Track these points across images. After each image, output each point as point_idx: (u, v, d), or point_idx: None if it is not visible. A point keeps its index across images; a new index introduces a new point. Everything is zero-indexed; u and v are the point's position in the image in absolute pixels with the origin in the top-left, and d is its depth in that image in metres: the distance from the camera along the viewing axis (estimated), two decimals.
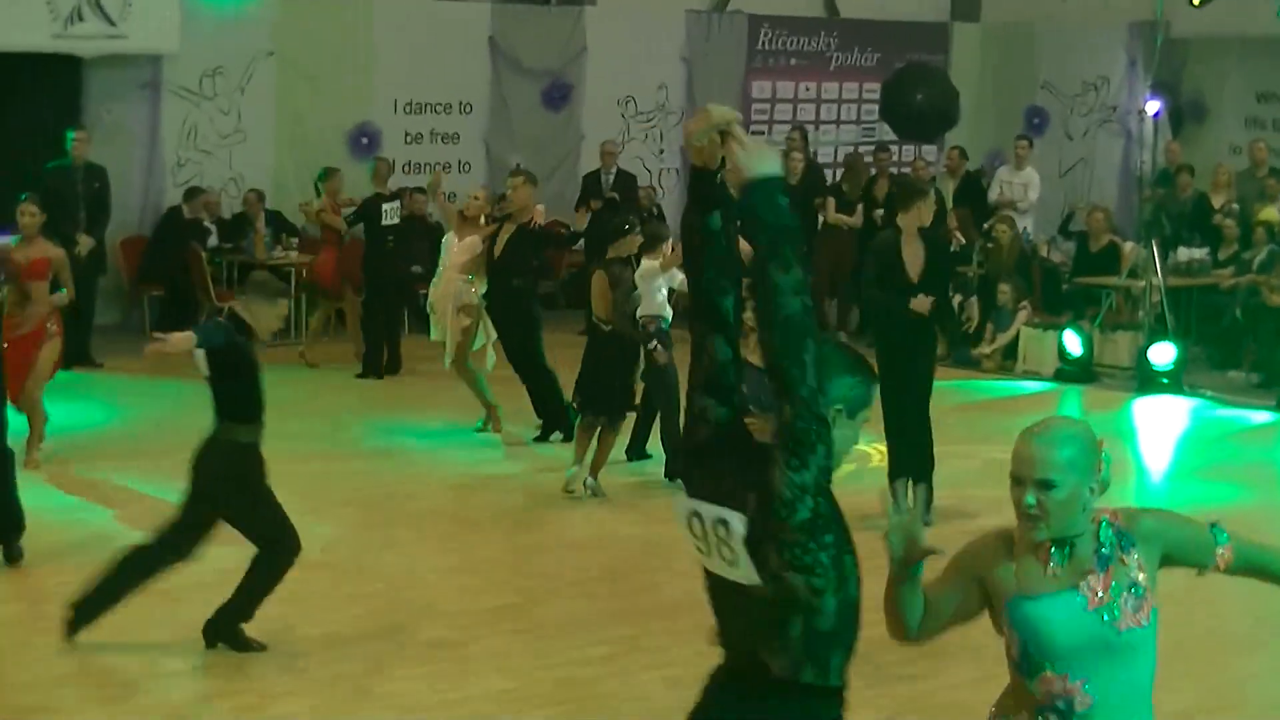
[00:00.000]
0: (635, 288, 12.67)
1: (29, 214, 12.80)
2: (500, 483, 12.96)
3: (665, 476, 12.95)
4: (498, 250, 14.24)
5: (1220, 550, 4.52)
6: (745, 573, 4.14)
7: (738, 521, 4.13)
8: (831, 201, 20.30)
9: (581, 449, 12.62)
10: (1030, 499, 4.33)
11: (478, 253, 14.38)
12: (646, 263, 13.00)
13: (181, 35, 18.63)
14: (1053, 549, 4.39)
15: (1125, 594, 4.37)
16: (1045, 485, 4.30)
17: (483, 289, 14.43)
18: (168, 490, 12.18)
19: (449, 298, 14.37)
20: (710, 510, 4.21)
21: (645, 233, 13.34)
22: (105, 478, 12.76)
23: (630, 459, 13.51)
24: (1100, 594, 4.36)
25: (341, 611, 9.72)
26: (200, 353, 8.88)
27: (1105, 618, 4.35)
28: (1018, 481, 4.36)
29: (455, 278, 14.34)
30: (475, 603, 9.96)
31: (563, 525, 11.90)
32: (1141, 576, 4.41)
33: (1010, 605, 4.42)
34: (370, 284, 17.39)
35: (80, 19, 18.11)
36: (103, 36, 18.29)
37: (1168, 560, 4.48)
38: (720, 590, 4.30)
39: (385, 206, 17.09)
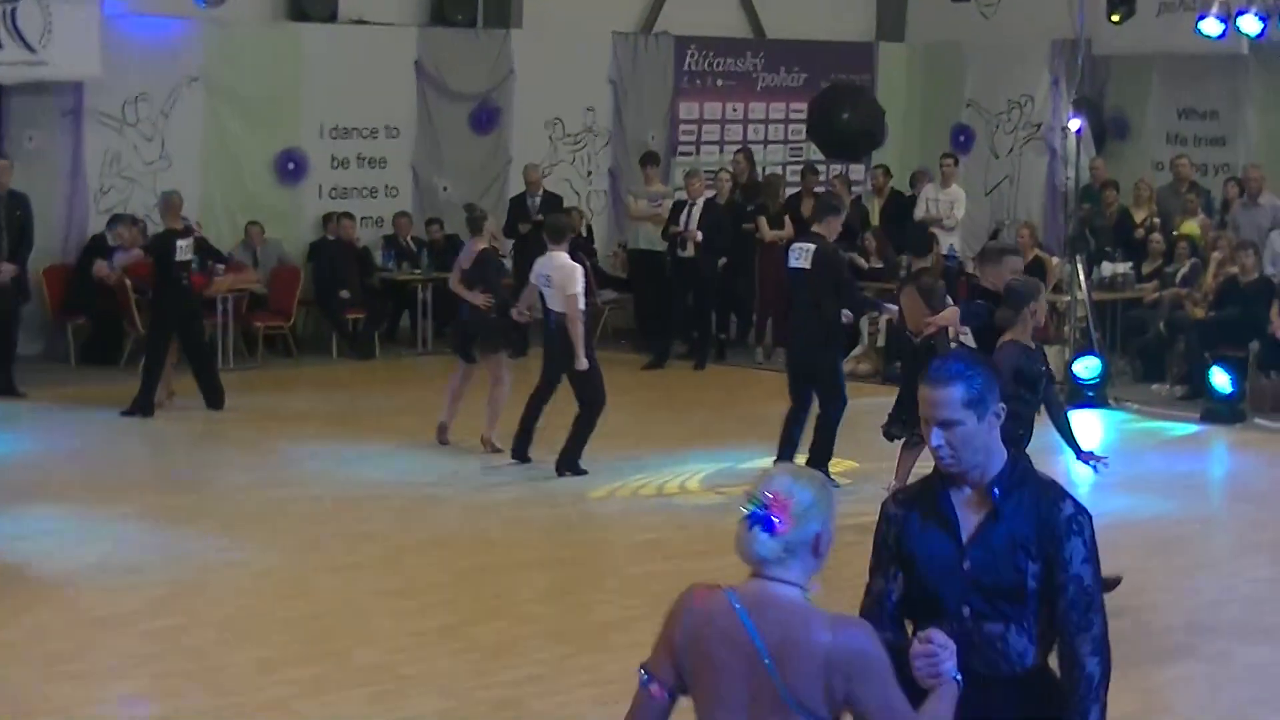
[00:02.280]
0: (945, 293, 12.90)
1: None
2: (442, 505, 13.04)
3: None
4: None
5: None
6: None
7: None
8: (763, 220, 20.48)
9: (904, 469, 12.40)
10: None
11: None
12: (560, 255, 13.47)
13: (103, 62, 18.62)
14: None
15: None
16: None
17: None
18: (90, 519, 12.24)
19: None
20: None
21: (549, 224, 13.99)
22: (24, 508, 12.71)
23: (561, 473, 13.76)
24: None
25: (275, 635, 9.77)
26: (967, 329, 10.44)
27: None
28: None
29: None
30: (413, 625, 10.03)
31: (507, 547, 11.94)
32: None
33: None
34: (162, 320, 16.49)
35: None
36: (22, 63, 18.25)
37: None
38: None
39: (179, 243, 16.48)
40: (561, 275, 13.64)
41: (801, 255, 13.55)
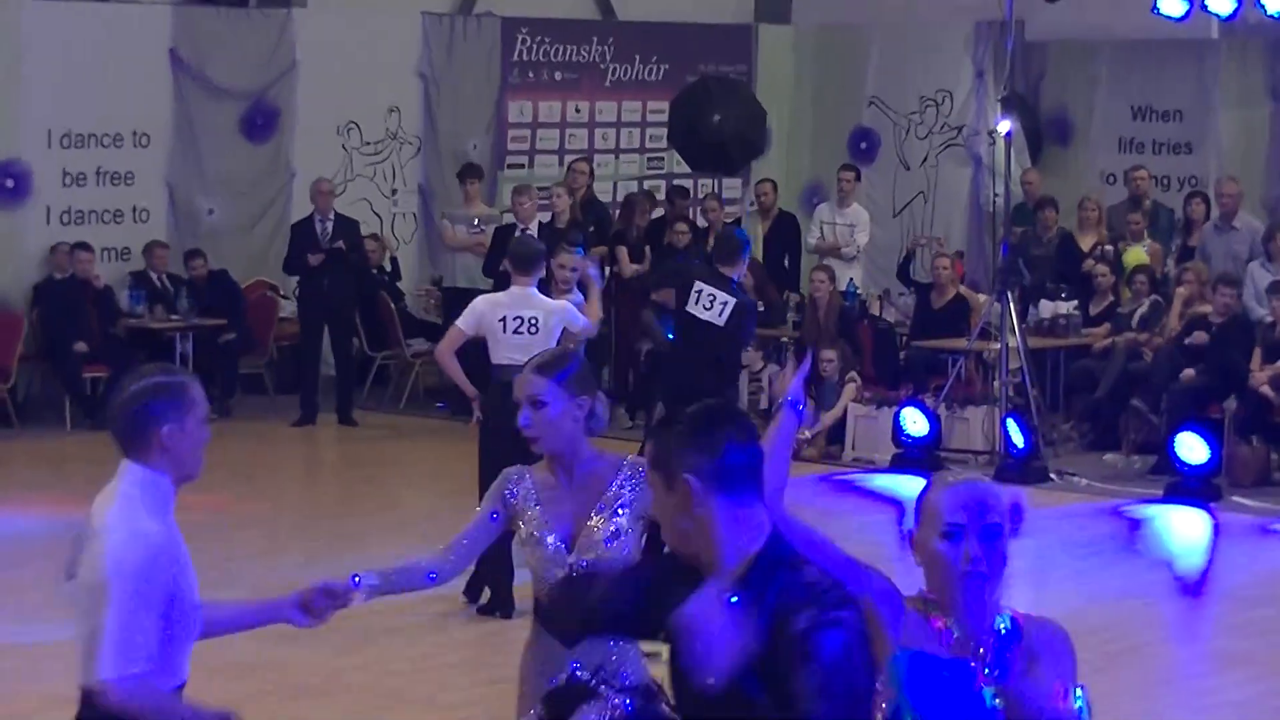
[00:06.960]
0: None
1: None
2: None
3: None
4: None
5: None
6: None
7: None
8: (624, 251, 20.37)
9: None
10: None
11: None
12: None
13: None
14: None
15: None
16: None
17: None
18: None
19: None
20: None
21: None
22: None
23: None
24: None
25: None
26: None
27: None
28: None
29: None
30: None
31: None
32: None
33: None
34: None
35: None
36: None
37: None
38: None
39: None
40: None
41: (713, 304, 13.67)
